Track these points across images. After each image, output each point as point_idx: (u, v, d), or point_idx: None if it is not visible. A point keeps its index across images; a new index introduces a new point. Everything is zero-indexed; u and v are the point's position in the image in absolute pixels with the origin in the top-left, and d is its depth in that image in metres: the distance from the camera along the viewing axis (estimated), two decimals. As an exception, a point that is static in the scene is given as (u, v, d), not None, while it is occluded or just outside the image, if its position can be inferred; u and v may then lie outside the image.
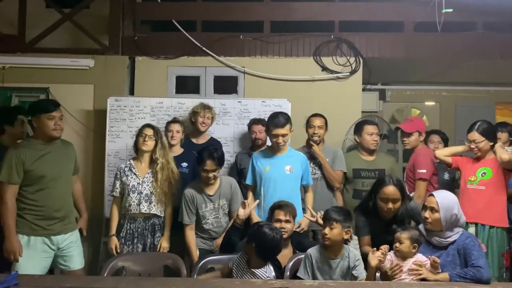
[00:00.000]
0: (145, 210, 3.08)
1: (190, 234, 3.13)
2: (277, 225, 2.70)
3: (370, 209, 2.78)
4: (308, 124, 3.72)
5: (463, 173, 3.25)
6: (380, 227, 2.73)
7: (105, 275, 2.55)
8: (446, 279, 2.30)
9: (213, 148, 3.15)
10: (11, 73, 4.53)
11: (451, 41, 4.61)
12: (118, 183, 3.16)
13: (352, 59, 4.59)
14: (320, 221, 2.73)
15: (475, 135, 3.16)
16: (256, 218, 3.04)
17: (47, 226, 2.83)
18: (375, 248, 2.45)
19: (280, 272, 2.59)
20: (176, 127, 3.57)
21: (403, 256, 2.42)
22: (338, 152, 3.76)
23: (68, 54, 4.58)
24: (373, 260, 2.39)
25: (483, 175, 3.14)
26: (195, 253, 3.09)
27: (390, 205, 2.67)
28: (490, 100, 6.09)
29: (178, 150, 3.60)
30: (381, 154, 3.90)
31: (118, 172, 3.18)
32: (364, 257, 2.55)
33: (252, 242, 2.43)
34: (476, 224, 3.08)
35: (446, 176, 3.61)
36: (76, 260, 2.95)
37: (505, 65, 4.87)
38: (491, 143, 3.16)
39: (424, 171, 3.39)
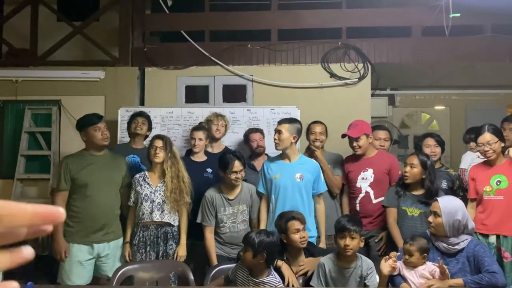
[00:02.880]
0: (157, 219, 3.10)
1: (210, 237, 3.15)
2: (297, 235, 2.66)
3: (401, 180, 3.07)
4: (309, 131, 3.74)
5: (477, 183, 3.11)
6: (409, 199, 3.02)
7: (114, 283, 2.56)
8: (461, 285, 2.28)
9: (235, 151, 3.29)
10: (24, 86, 4.62)
11: (460, 45, 4.60)
12: (132, 193, 3.19)
13: (360, 65, 4.60)
14: None
15: (487, 137, 3.02)
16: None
17: (89, 234, 3.00)
18: (387, 256, 2.44)
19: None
20: (199, 134, 3.59)
21: (410, 266, 2.41)
22: (339, 158, 3.75)
23: (79, 66, 4.65)
24: (386, 268, 2.37)
25: (498, 183, 3.02)
26: (214, 257, 3.09)
27: (407, 168, 3.00)
28: (501, 103, 6.04)
29: (202, 157, 3.62)
30: None
31: (133, 182, 3.22)
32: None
33: (248, 248, 2.41)
34: (498, 236, 2.98)
35: (444, 184, 3.45)
36: (113, 268, 3.00)
37: (515, 68, 4.83)
38: (503, 144, 3.09)
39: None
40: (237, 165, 3.08)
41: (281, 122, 3.18)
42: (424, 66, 4.89)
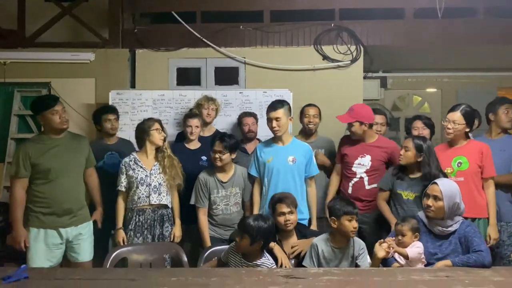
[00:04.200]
0: (155, 202, 3.11)
1: (203, 219, 3.17)
2: (282, 218, 2.71)
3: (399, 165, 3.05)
4: (303, 114, 3.74)
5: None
6: (405, 182, 3.00)
7: (107, 266, 2.57)
8: (449, 266, 2.32)
9: (227, 134, 3.26)
10: (12, 68, 4.54)
11: (452, 27, 4.59)
12: (123, 177, 3.17)
13: (353, 47, 4.58)
14: None
15: (456, 115, 3.03)
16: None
17: (55, 219, 2.91)
18: (382, 240, 2.48)
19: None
20: (195, 122, 3.59)
21: (404, 246, 2.46)
22: (330, 144, 3.77)
23: (68, 48, 4.58)
24: (380, 252, 2.41)
25: (459, 165, 3.05)
26: (208, 238, 3.13)
27: (402, 151, 2.98)
28: (492, 85, 6.07)
29: (196, 144, 3.62)
30: None
31: (123, 167, 3.19)
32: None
33: (245, 235, 2.43)
34: None
35: None
36: (84, 252, 3.00)
37: (507, 50, 4.85)
38: (467, 130, 3.09)
39: None
40: (217, 145, 3.11)
41: (275, 108, 3.13)
42: (416, 48, 4.88)
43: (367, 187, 3.29)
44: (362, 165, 3.30)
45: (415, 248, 2.44)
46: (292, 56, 4.56)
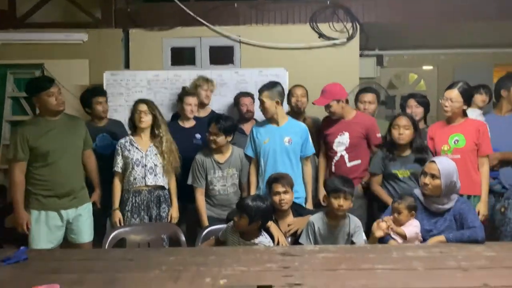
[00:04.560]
0: (151, 183, 3.11)
1: (201, 199, 3.19)
2: (277, 197, 2.74)
3: (388, 144, 3.08)
4: (291, 94, 3.75)
5: (435, 142, 3.12)
6: (398, 162, 3.03)
7: (106, 246, 2.60)
8: (443, 241, 2.36)
9: (224, 116, 3.23)
10: (4, 50, 4.49)
11: (449, 3, 4.54)
12: (119, 158, 3.17)
13: (349, 25, 4.54)
14: None
15: (453, 93, 3.04)
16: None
17: (56, 201, 2.92)
18: (380, 220, 2.51)
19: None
20: (194, 100, 3.57)
21: (400, 223, 2.49)
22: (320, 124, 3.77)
23: (60, 28, 4.51)
24: (378, 231, 2.45)
25: (456, 142, 3.05)
26: (205, 218, 3.15)
27: (401, 130, 2.98)
28: (488, 62, 6.05)
29: (191, 122, 3.60)
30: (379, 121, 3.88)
31: (119, 148, 3.19)
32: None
33: (244, 215, 2.45)
34: None
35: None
36: (84, 233, 3.02)
37: (503, 26, 4.82)
38: (465, 107, 3.10)
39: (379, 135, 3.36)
40: (212, 127, 3.10)
41: (260, 90, 3.17)
42: (412, 25, 4.85)
43: (348, 164, 3.28)
44: (341, 143, 3.30)
45: (413, 228, 2.48)
46: (287, 34, 4.52)
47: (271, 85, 3.20)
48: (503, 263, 2.01)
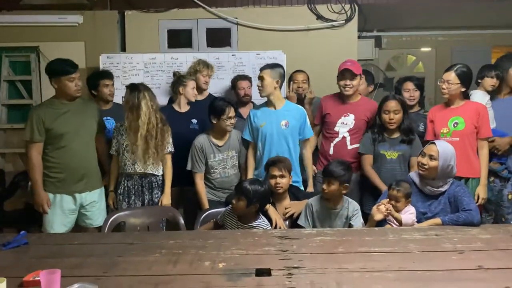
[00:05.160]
0: (140, 170, 3.11)
1: (200, 183, 3.21)
2: (273, 181, 2.76)
3: (378, 126, 3.12)
4: (292, 79, 3.73)
5: (435, 125, 3.14)
6: (387, 143, 3.09)
7: (105, 230, 2.62)
8: (439, 224, 2.39)
9: (225, 97, 3.29)
10: (-1, 32, 4.43)
11: (448, -16, 4.50)
12: (114, 142, 3.18)
13: (347, 6, 4.49)
14: None
15: (451, 75, 3.05)
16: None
17: (70, 184, 2.97)
18: (381, 202, 2.53)
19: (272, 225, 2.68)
20: (193, 84, 3.55)
21: (396, 210, 2.52)
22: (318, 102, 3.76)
23: (55, 10, 4.44)
24: (378, 215, 2.48)
25: (455, 125, 3.07)
26: (206, 202, 3.17)
27: (392, 115, 3.01)
28: (486, 43, 6.04)
29: (185, 107, 3.55)
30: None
31: (115, 131, 3.20)
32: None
33: (242, 197, 2.47)
34: None
35: (422, 128, 3.41)
36: (97, 217, 3.06)
37: (501, 7, 4.78)
38: (463, 89, 3.09)
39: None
40: (232, 111, 3.12)
41: (262, 68, 3.17)
42: (410, 6, 4.80)
43: (349, 147, 3.27)
44: (345, 124, 3.28)
45: (409, 215, 2.50)
46: (285, 16, 4.47)
47: (274, 65, 3.22)
48: (498, 246, 2.04)
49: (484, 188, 3.03)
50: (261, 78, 3.12)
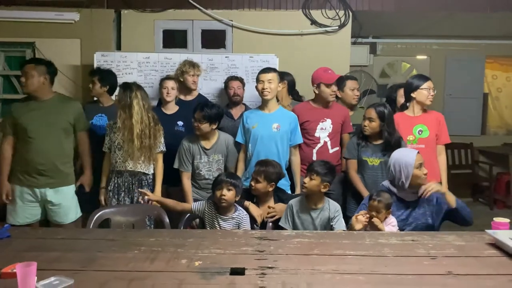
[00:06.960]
0: (131, 168, 3.16)
1: (187, 182, 3.25)
2: (253, 181, 2.84)
3: (361, 132, 3.18)
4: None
5: (400, 133, 3.17)
6: (370, 149, 3.14)
7: (90, 226, 2.65)
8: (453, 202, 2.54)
9: (211, 104, 3.25)
10: (-5, 28, 4.47)
11: (442, -7, 4.55)
12: (107, 139, 3.23)
13: (341, 12, 4.54)
14: None
15: (432, 84, 3.25)
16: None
17: (30, 178, 3.05)
18: (360, 212, 2.54)
19: (254, 224, 2.74)
20: (171, 83, 3.58)
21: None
22: None
23: (52, 7, 4.48)
24: (357, 225, 2.47)
25: (420, 132, 3.22)
26: (191, 201, 3.19)
27: (366, 122, 3.12)
28: (480, 53, 6.08)
29: (173, 108, 3.62)
30: (359, 110, 3.94)
31: (108, 128, 3.25)
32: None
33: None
34: None
35: None
36: (63, 215, 3.12)
37: (495, 18, 4.83)
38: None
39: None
40: (197, 113, 3.14)
41: (268, 71, 3.21)
42: (406, 14, 4.85)
43: (331, 151, 3.37)
44: (324, 129, 3.36)
45: (391, 227, 2.52)
46: (280, 20, 4.52)
47: (275, 70, 3.32)
48: (470, 252, 2.07)
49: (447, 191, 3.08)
50: (270, 81, 3.17)
